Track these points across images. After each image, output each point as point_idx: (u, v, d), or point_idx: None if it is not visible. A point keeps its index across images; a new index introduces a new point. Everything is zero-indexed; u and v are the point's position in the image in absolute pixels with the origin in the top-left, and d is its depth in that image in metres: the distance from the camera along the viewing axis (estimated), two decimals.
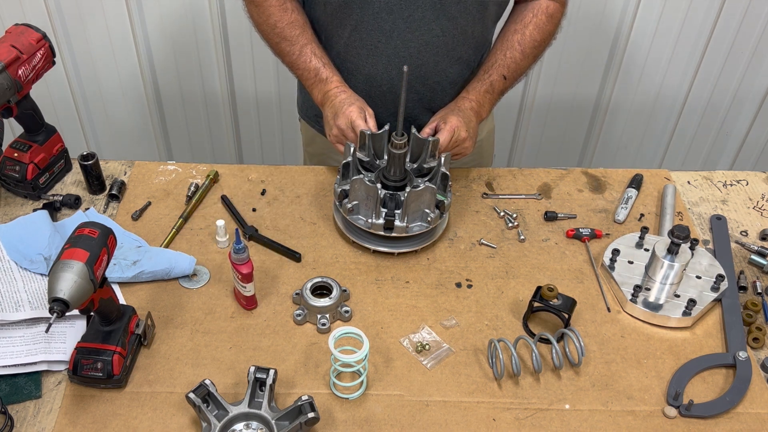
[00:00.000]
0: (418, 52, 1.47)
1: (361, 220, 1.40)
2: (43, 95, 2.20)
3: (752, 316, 1.33)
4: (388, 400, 1.19)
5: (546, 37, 1.54)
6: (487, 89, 1.51)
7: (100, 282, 1.11)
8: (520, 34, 1.51)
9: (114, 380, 1.17)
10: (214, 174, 1.58)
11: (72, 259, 1.07)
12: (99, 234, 1.12)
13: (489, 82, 1.51)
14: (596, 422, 1.18)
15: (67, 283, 1.05)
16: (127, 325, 1.21)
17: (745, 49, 2.41)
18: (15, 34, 1.42)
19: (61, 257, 1.07)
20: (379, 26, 1.44)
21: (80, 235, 1.11)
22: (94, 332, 1.19)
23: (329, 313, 1.30)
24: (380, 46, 1.47)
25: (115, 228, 1.45)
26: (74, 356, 1.17)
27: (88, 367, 1.16)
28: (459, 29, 1.47)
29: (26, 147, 1.51)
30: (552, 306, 1.28)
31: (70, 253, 1.07)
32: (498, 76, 1.51)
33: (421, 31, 1.44)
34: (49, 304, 1.04)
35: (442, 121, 1.43)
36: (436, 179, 1.43)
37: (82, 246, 1.09)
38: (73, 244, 1.09)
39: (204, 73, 2.41)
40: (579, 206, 1.58)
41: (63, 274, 1.05)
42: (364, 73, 1.52)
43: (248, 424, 1.12)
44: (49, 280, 1.06)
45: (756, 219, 1.57)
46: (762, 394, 1.22)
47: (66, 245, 1.09)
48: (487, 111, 1.53)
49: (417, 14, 1.42)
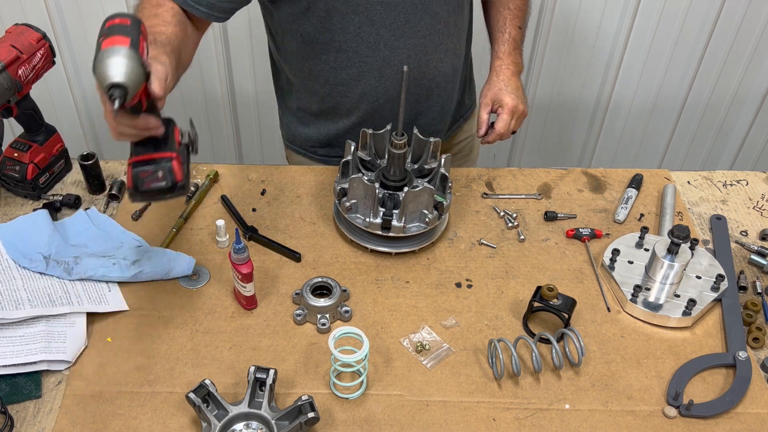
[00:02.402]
0: (408, 57, 1.46)
1: (360, 219, 1.41)
2: (43, 95, 2.20)
3: (752, 316, 1.33)
4: (388, 400, 1.20)
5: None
6: (514, 46, 1.56)
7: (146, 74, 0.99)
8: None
9: (179, 187, 1.06)
10: (214, 174, 1.59)
11: (115, 45, 0.95)
12: (131, 21, 1.00)
13: (512, 39, 1.55)
14: (596, 422, 1.18)
15: (119, 68, 0.94)
16: (173, 136, 1.09)
17: (745, 49, 2.41)
18: (15, 34, 1.42)
19: (101, 47, 0.96)
20: (363, 41, 1.42)
21: (113, 26, 0.99)
22: (142, 147, 1.07)
23: (329, 313, 1.30)
24: (368, 60, 1.45)
25: (115, 228, 1.45)
26: (131, 173, 1.06)
27: (149, 179, 1.04)
28: (442, 23, 1.47)
29: (26, 147, 1.51)
30: (552, 306, 1.28)
31: (110, 41, 0.96)
32: (515, 30, 1.56)
33: (406, 36, 1.43)
34: (107, 92, 0.95)
35: (498, 105, 1.48)
36: (435, 180, 1.43)
37: (120, 33, 0.97)
38: (108, 33, 0.97)
39: (204, 73, 2.41)
40: (579, 206, 1.58)
41: (111, 60, 0.94)
42: (357, 92, 1.51)
43: (248, 424, 1.12)
44: (96, 71, 0.95)
45: (756, 219, 1.57)
46: (762, 394, 1.22)
47: (101, 38, 0.98)
48: (521, 64, 1.57)
49: (400, 19, 1.41)
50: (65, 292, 1.30)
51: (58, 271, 1.32)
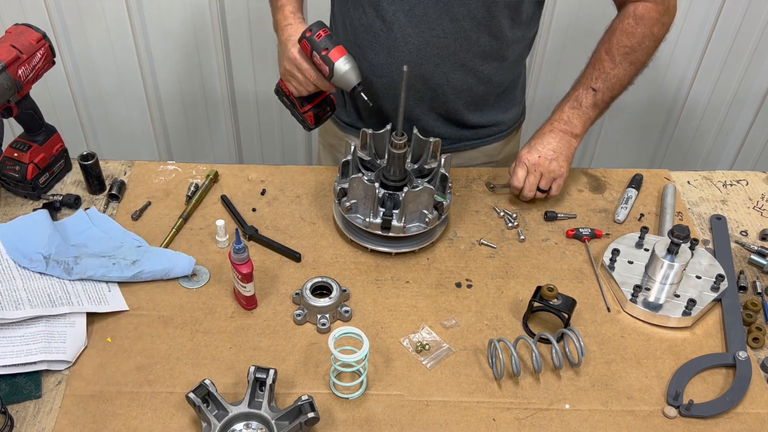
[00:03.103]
0: (418, 50, 1.46)
1: (359, 219, 1.41)
2: (43, 95, 2.21)
3: (752, 316, 1.33)
4: (388, 400, 1.19)
5: (640, 40, 1.50)
6: (572, 105, 1.53)
7: None
8: (606, 43, 1.52)
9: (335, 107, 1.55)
10: (214, 174, 1.59)
11: (342, 55, 1.36)
12: (331, 30, 1.37)
13: (573, 97, 1.54)
14: (596, 422, 1.18)
15: (355, 72, 1.38)
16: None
17: (745, 49, 2.41)
18: (15, 34, 1.42)
19: (333, 59, 1.35)
20: (380, 15, 1.45)
21: (328, 36, 1.35)
22: (307, 99, 1.51)
23: (329, 313, 1.30)
24: (381, 35, 1.47)
25: (114, 228, 1.45)
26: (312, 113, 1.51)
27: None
28: (462, 33, 1.44)
29: (26, 147, 1.51)
30: (552, 306, 1.28)
31: (336, 52, 1.35)
32: (584, 90, 1.53)
33: (421, 27, 1.44)
34: (353, 92, 1.33)
35: (534, 168, 1.49)
36: (435, 180, 1.43)
37: (335, 43, 1.35)
38: (327, 46, 1.35)
39: (204, 73, 2.41)
40: (579, 206, 1.58)
41: (348, 67, 1.37)
42: (368, 60, 1.52)
43: (248, 424, 1.12)
44: (339, 78, 1.36)
45: (756, 219, 1.57)
46: (762, 394, 1.22)
47: (322, 51, 1.35)
48: (578, 127, 1.54)
49: (419, 9, 1.42)
50: (65, 292, 1.30)
51: (58, 271, 1.32)
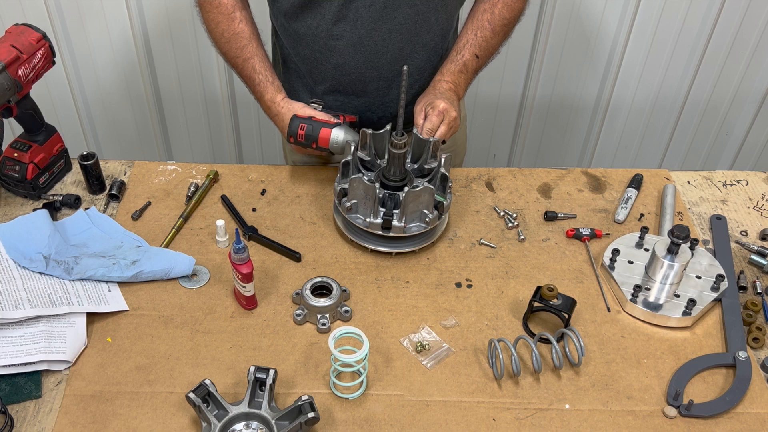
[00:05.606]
0: (383, 40, 1.49)
1: (360, 219, 1.41)
2: (43, 95, 2.20)
3: (752, 316, 1.33)
4: (388, 400, 1.19)
5: (515, 14, 1.58)
6: (461, 69, 1.54)
7: None
8: (489, 13, 1.55)
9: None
10: (214, 174, 1.59)
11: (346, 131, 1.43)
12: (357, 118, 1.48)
13: (462, 62, 1.54)
14: (596, 422, 1.18)
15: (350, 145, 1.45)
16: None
17: (745, 49, 2.41)
18: (15, 34, 1.42)
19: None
20: (343, 15, 1.47)
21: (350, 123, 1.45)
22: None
23: (329, 313, 1.30)
24: (345, 35, 1.49)
25: (114, 228, 1.45)
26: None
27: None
28: (421, 16, 1.49)
29: (26, 147, 1.51)
30: (552, 306, 1.28)
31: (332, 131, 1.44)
32: (470, 56, 1.55)
33: (383, 19, 1.47)
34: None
35: (429, 107, 1.45)
36: (435, 180, 1.43)
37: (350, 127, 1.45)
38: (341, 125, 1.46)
39: (204, 73, 2.41)
40: (579, 206, 1.58)
41: (346, 140, 1.45)
42: (333, 62, 1.54)
43: (248, 424, 1.12)
44: (336, 148, 1.41)
45: (756, 219, 1.57)
46: (762, 394, 1.22)
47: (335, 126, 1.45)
48: (463, 90, 1.56)
49: (378, 3, 1.44)
50: (65, 292, 1.30)
51: (58, 271, 1.32)
